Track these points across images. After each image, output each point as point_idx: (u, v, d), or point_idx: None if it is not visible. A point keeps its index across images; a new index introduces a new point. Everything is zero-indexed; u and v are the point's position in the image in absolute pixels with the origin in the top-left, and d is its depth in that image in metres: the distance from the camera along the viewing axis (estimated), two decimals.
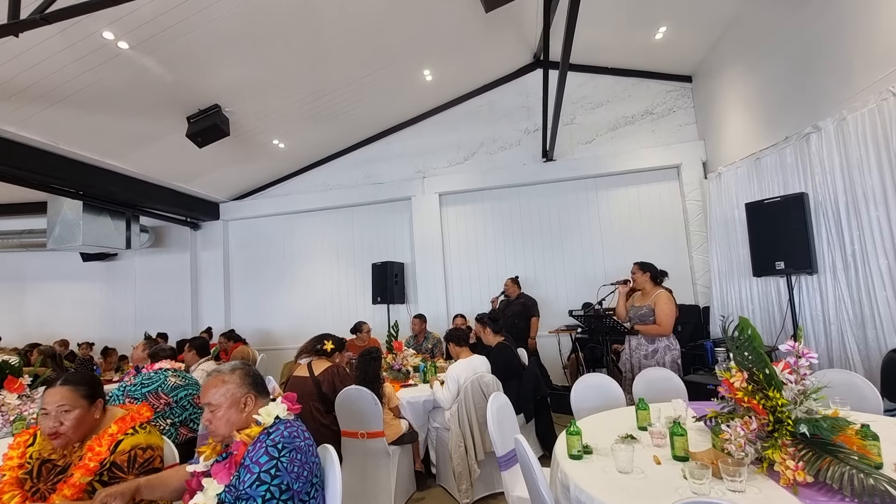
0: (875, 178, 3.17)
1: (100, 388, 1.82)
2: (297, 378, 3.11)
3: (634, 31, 5.45)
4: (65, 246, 6.38)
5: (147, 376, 2.67)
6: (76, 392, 1.71)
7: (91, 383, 1.79)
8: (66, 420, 1.67)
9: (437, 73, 5.98)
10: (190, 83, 4.77)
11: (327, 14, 4.35)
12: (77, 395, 1.70)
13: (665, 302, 3.35)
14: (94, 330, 7.90)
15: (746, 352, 1.78)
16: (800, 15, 3.87)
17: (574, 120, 6.44)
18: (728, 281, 5.02)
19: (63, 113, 4.54)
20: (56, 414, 1.66)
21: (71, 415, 1.67)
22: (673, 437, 1.77)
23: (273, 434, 1.51)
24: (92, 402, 1.75)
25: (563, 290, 6.37)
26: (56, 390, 1.69)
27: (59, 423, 1.66)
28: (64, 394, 1.68)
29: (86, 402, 1.72)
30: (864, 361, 3.32)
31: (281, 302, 7.55)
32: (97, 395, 1.78)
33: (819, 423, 1.55)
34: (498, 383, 3.31)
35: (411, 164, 7.06)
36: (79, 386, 1.73)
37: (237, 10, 3.92)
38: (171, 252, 7.90)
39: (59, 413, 1.66)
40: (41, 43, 3.64)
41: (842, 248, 3.48)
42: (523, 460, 1.78)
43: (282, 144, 6.59)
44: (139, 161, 5.89)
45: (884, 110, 3.06)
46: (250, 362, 5.02)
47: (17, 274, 8.51)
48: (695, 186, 5.89)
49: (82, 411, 1.70)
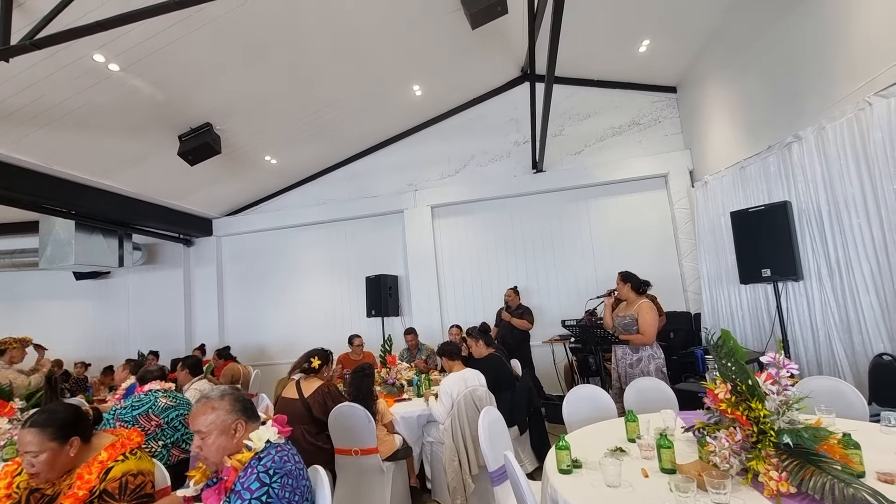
0: (855, 186, 3.23)
1: (76, 425, 1.74)
2: (286, 399, 3.10)
3: (618, 44, 5.56)
4: (57, 265, 6.35)
5: (137, 398, 2.66)
6: (42, 435, 1.65)
7: (61, 423, 1.70)
8: (36, 462, 1.64)
9: (426, 88, 6.06)
10: (181, 102, 4.81)
11: (314, 33, 4.41)
12: (44, 438, 1.65)
13: (647, 311, 3.39)
14: (89, 349, 7.82)
15: (729, 363, 1.81)
16: (778, 26, 3.97)
17: (562, 131, 6.53)
18: (717, 288, 5.07)
19: (54, 134, 4.55)
20: (27, 456, 1.64)
21: (40, 458, 1.64)
22: (660, 449, 1.79)
23: (264, 459, 1.51)
24: (64, 441, 1.68)
25: (556, 299, 6.40)
26: (24, 433, 1.66)
27: (30, 465, 1.64)
28: (30, 438, 1.64)
29: (55, 443, 1.66)
30: (851, 367, 3.36)
31: (275, 317, 7.52)
32: (70, 433, 1.70)
33: (801, 433, 1.58)
34: (491, 397, 3.32)
35: (403, 178, 7.11)
36: (45, 428, 1.66)
37: (226, 31, 3.97)
38: (165, 269, 7.88)
39: (28, 455, 1.64)
40: (32, 67, 3.66)
41: (826, 254, 3.54)
42: (512, 477, 1.80)
43: (273, 160, 6.63)
44: (131, 180, 5.90)
45: (861, 120, 3.13)
46: (241, 380, 5.04)
47: (10, 294, 8.44)
48: (682, 195, 5.97)
49: (52, 453, 1.66)
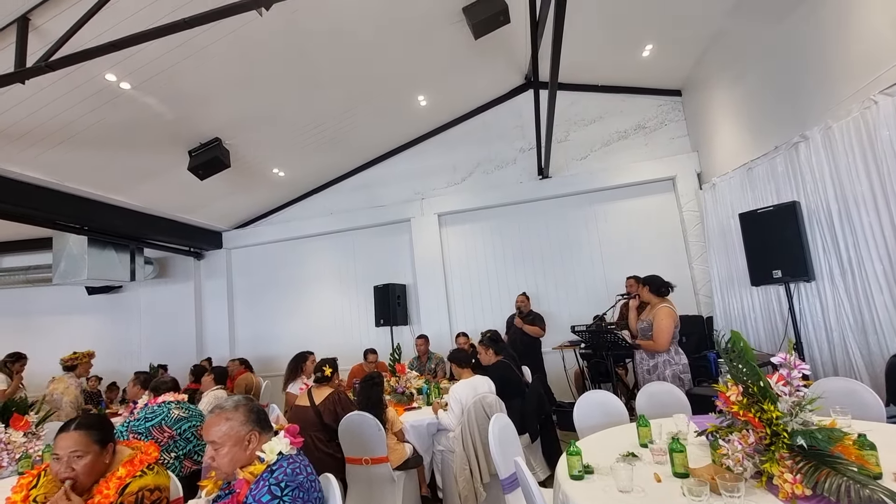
0: (864, 184, 3.20)
1: (111, 431, 1.77)
2: (298, 407, 3.13)
3: (621, 50, 5.58)
4: (70, 280, 6.47)
5: (150, 410, 2.68)
6: (89, 437, 1.64)
7: (103, 427, 1.73)
8: (77, 466, 1.60)
9: (430, 98, 6.12)
10: (190, 119, 4.90)
11: (320, 48, 4.49)
12: (90, 441, 1.64)
13: (662, 317, 3.33)
14: (100, 363, 7.83)
15: (740, 364, 1.79)
16: (781, 27, 3.97)
17: (568, 137, 6.54)
18: (729, 290, 5.02)
19: (67, 152, 4.66)
20: (67, 460, 1.60)
21: (83, 461, 1.61)
22: (672, 453, 1.77)
23: (276, 472, 1.50)
24: (104, 446, 1.69)
25: (565, 305, 6.37)
26: (69, 435, 1.63)
27: (70, 468, 1.60)
28: (77, 439, 1.62)
29: (97, 446, 1.66)
30: (867, 367, 3.30)
31: (284, 327, 7.56)
32: (108, 438, 1.73)
33: (815, 435, 1.56)
34: (501, 404, 3.30)
35: (409, 187, 7.15)
36: (92, 430, 1.67)
37: (233, 48, 4.06)
38: (176, 282, 7.97)
39: (70, 459, 1.60)
40: (46, 88, 3.77)
41: (837, 254, 3.50)
42: (523, 483, 1.79)
43: (282, 173, 6.72)
44: (142, 195, 6.01)
45: (867, 118, 3.11)
46: (254, 390, 5.05)
47: (24, 310, 8.57)
48: (690, 197, 5.94)
49: (94, 456, 1.64)
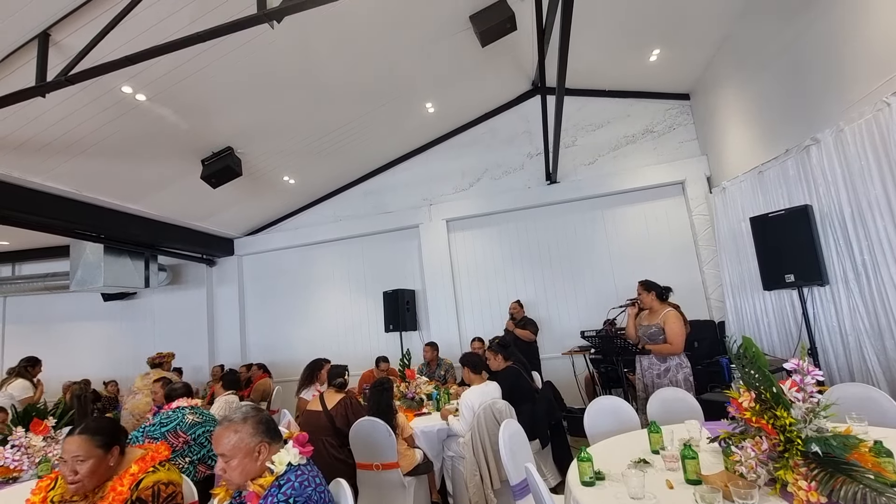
0: (878, 187, 3.16)
1: (118, 435, 1.84)
2: (310, 412, 3.15)
3: (629, 55, 5.58)
4: (87, 287, 6.60)
5: (165, 415, 2.73)
6: (91, 442, 1.73)
7: (108, 432, 1.81)
8: (79, 469, 1.70)
9: (438, 105, 6.16)
10: (203, 129, 5.01)
11: (329, 59, 4.56)
12: (92, 445, 1.73)
13: (674, 320, 3.33)
14: (115, 368, 8.04)
15: (752, 370, 1.78)
16: (790, 30, 3.94)
17: (576, 142, 6.54)
18: (741, 295, 4.96)
19: (85, 162, 4.77)
20: (71, 463, 1.70)
21: (85, 465, 1.71)
22: (684, 460, 1.76)
23: (284, 487, 1.50)
24: (108, 450, 1.76)
25: (574, 310, 6.34)
26: (73, 439, 1.73)
27: (73, 472, 1.70)
28: (80, 443, 1.72)
29: (100, 451, 1.74)
30: (885, 373, 3.24)
31: (295, 333, 7.62)
32: (114, 442, 1.80)
33: (829, 441, 1.54)
34: (511, 410, 3.30)
35: (418, 193, 7.20)
36: (95, 435, 1.75)
37: (245, 60, 4.14)
38: (189, 289, 8.09)
39: (73, 462, 1.70)
40: (65, 101, 3.88)
41: (851, 258, 3.45)
42: (534, 489, 1.79)
43: (292, 180, 6.80)
44: (157, 203, 6.12)
45: (880, 120, 3.07)
46: (268, 397, 5.11)
47: (42, 316, 8.75)
48: (700, 201, 5.90)
49: (96, 461, 1.73)
